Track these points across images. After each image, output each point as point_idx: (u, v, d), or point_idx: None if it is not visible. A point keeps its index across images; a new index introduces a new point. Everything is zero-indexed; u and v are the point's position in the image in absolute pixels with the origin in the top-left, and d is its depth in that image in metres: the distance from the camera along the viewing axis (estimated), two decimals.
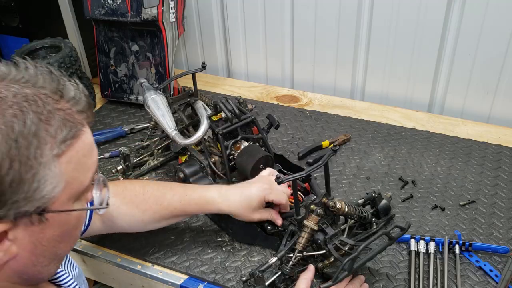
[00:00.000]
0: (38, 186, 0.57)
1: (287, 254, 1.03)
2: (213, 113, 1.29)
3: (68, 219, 0.64)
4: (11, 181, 0.54)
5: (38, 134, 0.56)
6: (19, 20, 1.82)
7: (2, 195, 0.55)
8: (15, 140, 0.54)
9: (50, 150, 0.57)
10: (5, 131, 0.53)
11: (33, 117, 0.55)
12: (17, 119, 0.54)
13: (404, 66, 1.68)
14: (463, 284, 1.05)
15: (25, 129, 0.55)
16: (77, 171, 0.61)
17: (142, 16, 1.53)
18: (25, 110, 0.55)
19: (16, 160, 0.54)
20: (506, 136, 1.53)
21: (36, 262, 0.63)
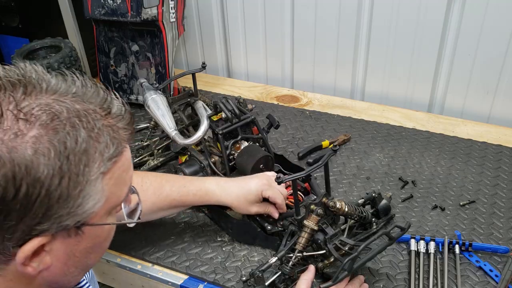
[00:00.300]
0: (82, 202, 0.57)
1: (287, 254, 1.03)
2: (213, 113, 1.29)
3: (102, 232, 0.65)
4: (59, 196, 0.55)
5: (88, 152, 0.57)
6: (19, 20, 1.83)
7: (49, 210, 0.55)
8: (66, 157, 0.55)
9: (97, 168, 0.58)
10: (58, 148, 0.54)
11: (84, 134, 0.56)
12: (70, 136, 0.55)
13: (404, 66, 1.68)
14: (463, 284, 1.05)
15: (76, 146, 0.55)
16: (116, 186, 0.62)
17: (142, 16, 1.53)
18: (77, 127, 0.56)
19: (66, 177, 0.55)
20: (506, 136, 1.53)
21: (68, 272, 0.64)
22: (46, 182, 0.54)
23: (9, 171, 0.52)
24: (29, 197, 0.53)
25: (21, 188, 0.52)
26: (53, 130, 0.54)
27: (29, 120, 0.54)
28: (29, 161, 0.53)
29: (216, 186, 1.09)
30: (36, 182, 0.53)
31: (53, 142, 0.54)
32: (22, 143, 0.53)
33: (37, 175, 0.53)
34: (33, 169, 0.53)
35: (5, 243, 0.56)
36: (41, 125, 0.54)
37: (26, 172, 0.52)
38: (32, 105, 0.55)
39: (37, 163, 0.53)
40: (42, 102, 0.56)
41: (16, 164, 0.52)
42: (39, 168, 0.53)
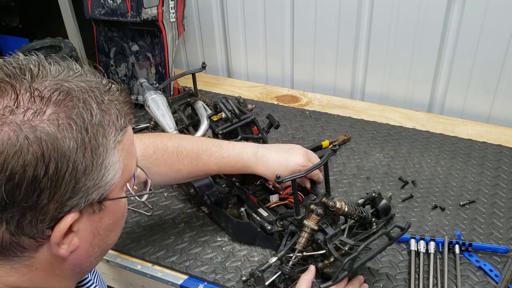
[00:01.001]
0: (104, 173, 0.60)
1: (287, 254, 1.03)
2: (213, 113, 1.29)
3: (120, 207, 0.67)
4: (84, 168, 0.57)
5: (102, 123, 0.59)
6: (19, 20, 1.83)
7: (77, 183, 0.57)
8: (86, 129, 0.57)
9: (113, 138, 0.61)
10: (77, 121, 0.56)
11: (96, 107, 0.59)
12: (85, 110, 0.57)
13: (404, 66, 1.68)
14: (463, 284, 1.05)
15: (92, 119, 0.58)
16: (127, 159, 0.65)
17: (142, 16, 1.53)
18: (89, 101, 0.58)
19: (88, 149, 0.57)
20: (506, 136, 1.53)
21: (92, 252, 0.66)
22: (72, 155, 0.56)
23: (37, 149, 0.53)
24: (58, 172, 0.55)
25: (50, 165, 0.54)
26: (68, 106, 0.57)
27: (45, 98, 0.56)
28: (54, 137, 0.54)
29: (254, 158, 1.10)
30: (63, 157, 0.55)
31: (71, 117, 0.56)
32: (43, 121, 0.55)
33: (64, 150, 0.55)
34: (59, 144, 0.55)
35: (39, 225, 0.57)
36: (56, 103, 0.56)
37: (53, 148, 0.54)
38: (43, 85, 0.57)
39: (62, 138, 0.55)
40: (50, 82, 0.58)
41: (43, 141, 0.54)
42: (64, 143, 0.55)
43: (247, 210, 1.19)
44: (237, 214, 1.20)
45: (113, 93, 0.64)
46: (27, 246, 0.59)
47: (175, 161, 1.06)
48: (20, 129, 0.53)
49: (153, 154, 1.04)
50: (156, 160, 1.04)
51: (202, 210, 1.27)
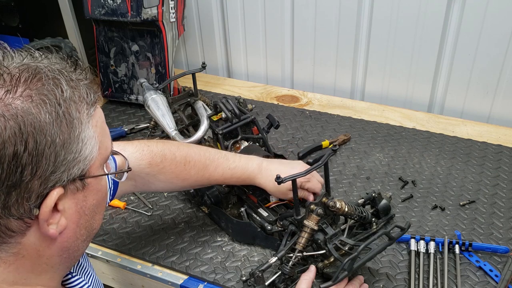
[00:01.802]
0: (81, 146, 0.61)
1: (287, 254, 1.03)
2: (213, 113, 1.29)
3: (101, 186, 0.68)
4: (63, 141, 0.59)
5: (73, 98, 0.61)
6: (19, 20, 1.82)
7: (57, 156, 0.58)
8: (59, 104, 0.58)
9: (86, 111, 0.62)
10: (49, 97, 0.58)
11: (65, 84, 0.60)
12: (55, 86, 0.59)
13: (404, 66, 1.68)
14: (463, 284, 1.05)
15: (63, 94, 0.59)
16: (102, 136, 0.66)
17: (142, 16, 1.53)
18: (58, 78, 0.60)
19: (64, 122, 0.59)
20: (506, 136, 1.53)
21: (79, 234, 0.67)
22: (48, 129, 0.57)
23: (15, 125, 0.54)
24: (38, 146, 0.56)
25: (29, 140, 0.55)
26: (39, 82, 0.58)
27: (14, 77, 0.57)
28: (29, 113, 0.56)
29: (259, 171, 1.12)
30: (41, 131, 0.56)
31: (43, 92, 0.58)
32: (17, 98, 0.56)
33: (40, 124, 0.56)
34: (35, 119, 0.56)
35: (25, 204, 0.58)
36: (26, 81, 0.58)
37: (30, 124, 0.55)
38: (11, 66, 0.59)
39: (37, 113, 0.56)
40: (18, 63, 0.60)
41: (19, 117, 0.55)
42: (40, 117, 0.56)
43: (247, 210, 1.19)
44: (237, 214, 1.21)
45: (80, 72, 0.66)
46: (16, 229, 0.59)
47: (182, 170, 1.07)
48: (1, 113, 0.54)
49: (160, 163, 1.05)
50: (163, 169, 1.05)
51: (202, 210, 1.27)
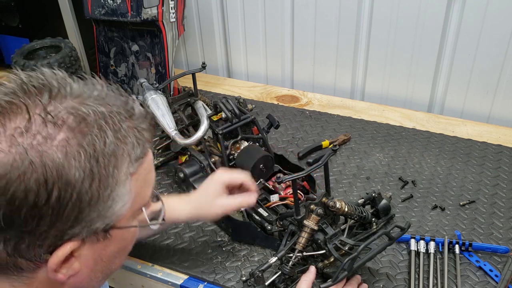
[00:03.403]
0: (111, 204, 0.58)
1: (287, 254, 1.03)
2: (213, 113, 1.29)
3: (128, 235, 0.65)
4: (89, 199, 0.55)
5: (116, 153, 0.57)
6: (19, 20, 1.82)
7: (80, 213, 0.55)
8: (96, 159, 0.55)
9: (126, 169, 0.58)
10: (88, 150, 0.54)
11: (112, 136, 0.56)
12: (98, 138, 0.55)
13: (404, 66, 1.68)
14: (463, 284, 1.05)
15: (105, 148, 0.55)
16: (141, 188, 0.62)
17: (142, 16, 1.53)
18: (104, 129, 0.56)
19: (96, 179, 0.55)
20: (506, 136, 1.53)
21: (94, 277, 0.64)
22: (77, 185, 0.54)
23: (41, 176, 0.52)
24: (61, 201, 0.53)
25: (53, 192, 0.52)
26: (81, 132, 0.54)
27: (57, 124, 0.54)
28: (60, 165, 0.52)
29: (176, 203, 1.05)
30: (68, 186, 0.53)
31: (82, 144, 0.54)
32: (52, 147, 0.53)
33: (69, 178, 0.53)
34: (65, 172, 0.53)
35: (37, 249, 0.56)
36: (69, 128, 0.54)
37: (58, 176, 0.52)
38: (59, 108, 0.55)
39: (68, 166, 0.53)
40: (68, 105, 0.56)
41: (48, 168, 0.52)
42: (70, 171, 0.53)
43: (247, 210, 1.19)
44: (237, 214, 1.20)
45: (136, 118, 0.61)
46: (24, 268, 0.58)
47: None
48: (26, 153, 0.52)
49: None
50: None
51: None
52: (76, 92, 0.58)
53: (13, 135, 0.52)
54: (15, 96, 0.55)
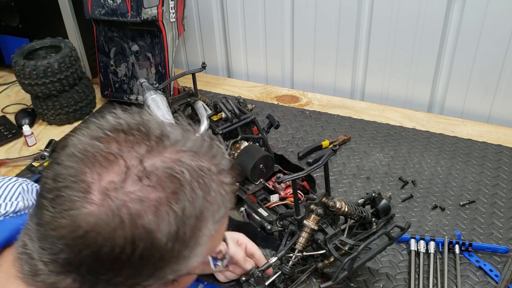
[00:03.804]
0: (188, 261, 0.58)
1: (287, 254, 1.03)
2: (213, 113, 1.30)
3: (192, 278, 0.66)
4: (169, 258, 0.56)
5: (202, 215, 0.57)
6: (19, 20, 1.82)
7: (158, 269, 0.56)
8: (183, 222, 0.55)
9: (208, 231, 0.58)
10: (178, 212, 0.54)
11: (201, 198, 0.56)
12: (189, 201, 0.55)
13: (404, 66, 1.68)
14: (463, 284, 1.05)
15: (194, 211, 0.56)
16: (216, 241, 0.63)
17: (142, 16, 1.53)
18: (196, 191, 0.56)
19: (180, 241, 0.55)
20: (506, 136, 1.53)
21: None
22: (161, 245, 0.54)
23: (129, 234, 0.52)
24: (143, 258, 0.54)
25: (137, 250, 0.53)
26: (174, 193, 0.54)
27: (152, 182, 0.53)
28: (149, 225, 0.53)
29: None
30: (153, 245, 0.53)
31: (173, 207, 0.54)
32: (144, 207, 0.53)
33: (155, 239, 0.53)
34: (153, 234, 0.53)
35: None
36: (163, 188, 0.54)
37: (145, 236, 0.53)
38: (155, 165, 0.54)
39: (157, 227, 0.53)
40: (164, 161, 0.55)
41: (137, 228, 0.52)
42: (158, 232, 0.53)
43: (247, 210, 1.19)
44: (237, 214, 1.20)
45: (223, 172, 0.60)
46: None
47: None
48: (119, 210, 0.52)
49: None
50: None
51: None
52: (173, 142, 0.57)
53: (108, 188, 0.52)
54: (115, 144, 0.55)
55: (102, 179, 0.53)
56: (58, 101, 1.62)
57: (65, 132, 1.64)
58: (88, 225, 0.52)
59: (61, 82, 1.58)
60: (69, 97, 1.64)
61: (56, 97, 1.61)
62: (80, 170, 0.54)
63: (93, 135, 0.57)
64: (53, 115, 1.65)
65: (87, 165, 0.54)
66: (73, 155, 0.55)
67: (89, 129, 0.58)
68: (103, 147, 0.55)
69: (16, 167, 1.48)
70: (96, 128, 0.58)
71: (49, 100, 1.62)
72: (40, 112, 1.67)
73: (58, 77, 1.56)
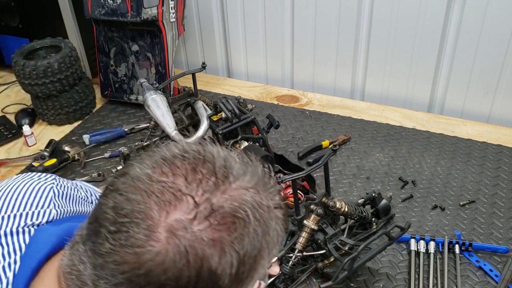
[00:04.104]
0: None
1: (287, 254, 1.03)
2: (213, 113, 1.29)
3: None
4: None
5: (260, 255, 0.56)
6: (19, 20, 1.83)
7: None
8: (243, 262, 0.54)
9: (263, 267, 0.57)
10: (240, 253, 0.53)
11: (261, 237, 0.55)
12: (250, 241, 0.54)
13: (404, 66, 1.68)
14: (463, 284, 1.05)
15: (253, 251, 0.55)
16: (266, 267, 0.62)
17: (142, 16, 1.53)
18: (257, 230, 0.55)
19: (237, 281, 0.54)
20: (506, 136, 1.53)
21: None
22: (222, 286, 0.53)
23: (194, 274, 0.51)
24: None
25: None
26: (237, 233, 0.53)
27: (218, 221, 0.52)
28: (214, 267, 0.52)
29: None
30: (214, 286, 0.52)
31: (236, 248, 0.53)
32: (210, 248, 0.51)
33: (218, 280, 0.52)
34: (216, 274, 0.52)
35: None
36: (227, 228, 0.53)
37: (209, 276, 0.52)
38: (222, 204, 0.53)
39: (220, 269, 0.52)
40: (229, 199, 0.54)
41: (202, 268, 0.51)
42: (220, 274, 0.52)
43: None
44: None
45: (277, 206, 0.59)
46: None
47: None
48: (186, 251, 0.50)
49: None
50: None
51: None
52: (237, 177, 0.56)
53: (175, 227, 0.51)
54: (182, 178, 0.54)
55: (169, 216, 0.51)
56: (58, 101, 1.62)
57: (65, 132, 1.64)
58: (154, 263, 0.50)
59: (61, 82, 1.58)
60: (69, 97, 1.64)
61: (56, 97, 1.62)
62: (147, 206, 0.52)
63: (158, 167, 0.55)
64: (53, 115, 1.65)
65: (154, 201, 0.52)
66: (138, 188, 0.53)
67: (152, 158, 0.56)
68: (170, 183, 0.53)
69: (16, 167, 1.48)
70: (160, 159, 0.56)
71: (49, 100, 1.62)
72: (40, 112, 1.67)
73: (58, 77, 1.56)
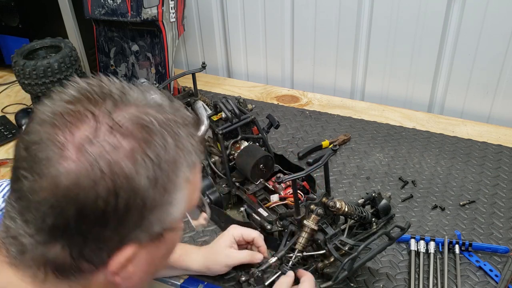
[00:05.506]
0: (169, 208, 0.59)
1: (287, 254, 1.03)
2: (213, 113, 1.29)
3: (176, 236, 0.66)
4: (152, 204, 0.57)
5: (176, 160, 0.58)
6: (19, 20, 1.83)
7: (142, 218, 0.57)
8: (159, 166, 0.56)
9: (183, 174, 0.60)
10: (153, 158, 0.56)
11: (172, 143, 0.58)
12: (161, 146, 0.57)
13: (404, 66, 1.68)
14: (463, 284, 1.05)
15: (167, 155, 0.57)
16: (193, 192, 0.64)
17: (142, 16, 1.53)
18: (166, 137, 0.57)
19: (159, 185, 0.57)
20: (506, 136, 1.53)
21: (144, 279, 0.65)
22: (143, 192, 0.55)
23: (111, 184, 0.53)
24: (128, 207, 0.55)
25: (121, 200, 0.54)
26: (146, 141, 0.56)
27: (123, 132, 0.55)
28: (128, 173, 0.54)
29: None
30: (135, 194, 0.55)
31: (147, 153, 0.55)
32: (120, 155, 0.54)
33: (136, 186, 0.54)
34: (133, 180, 0.54)
35: (100, 253, 0.57)
36: (135, 137, 0.55)
37: (127, 184, 0.54)
38: (123, 117, 0.56)
39: (136, 174, 0.54)
40: (131, 113, 0.57)
41: (117, 177, 0.53)
42: (138, 179, 0.54)
43: (247, 210, 1.19)
44: (237, 214, 1.20)
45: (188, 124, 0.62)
46: (86, 271, 0.59)
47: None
48: (97, 162, 0.53)
49: None
50: None
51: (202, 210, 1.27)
52: (136, 100, 0.59)
53: (82, 144, 0.53)
54: (81, 104, 0.56)
55: (74, 135, 0.54)
56: None
57: None
58: (69, 181, 0.52)
59: (61, 82, 1.58)
60: None
61: None
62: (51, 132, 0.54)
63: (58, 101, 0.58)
64: None
65: (57, 127, 0.54)
66: (41, 122, 0.56)
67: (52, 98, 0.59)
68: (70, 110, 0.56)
69: None
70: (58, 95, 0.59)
71: None
72: None
73: (58, 77, 1.56)
